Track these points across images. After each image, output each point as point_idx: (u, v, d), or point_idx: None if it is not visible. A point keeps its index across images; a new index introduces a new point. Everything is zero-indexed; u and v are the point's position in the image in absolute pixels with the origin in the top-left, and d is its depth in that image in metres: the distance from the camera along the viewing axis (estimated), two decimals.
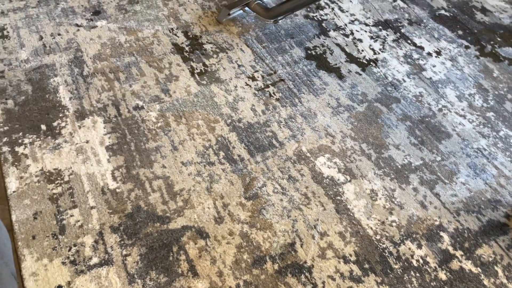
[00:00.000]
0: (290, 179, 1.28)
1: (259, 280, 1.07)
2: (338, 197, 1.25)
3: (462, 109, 1.51)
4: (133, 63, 1.54)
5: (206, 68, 1.56)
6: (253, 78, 1.54)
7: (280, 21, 1.70)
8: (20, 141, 1.29)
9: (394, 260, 1.13)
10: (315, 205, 1.23)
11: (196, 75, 1.53)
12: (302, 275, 1.09)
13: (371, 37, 1.75)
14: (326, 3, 1.88)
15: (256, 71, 1.57)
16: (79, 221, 1.14)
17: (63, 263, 1.07)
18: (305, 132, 1.39)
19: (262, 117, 1.42)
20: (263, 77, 1.55)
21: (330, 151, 1.35)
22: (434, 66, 1.65)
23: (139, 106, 1.41)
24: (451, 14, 1.87)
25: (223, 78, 1.53)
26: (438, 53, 1.70)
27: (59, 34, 1.62)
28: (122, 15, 1.72)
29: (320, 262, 1.12)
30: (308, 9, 1.84)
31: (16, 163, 1.24)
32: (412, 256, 1.15)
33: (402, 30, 1.78)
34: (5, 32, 1.60)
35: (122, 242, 1.11)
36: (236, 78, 1.53)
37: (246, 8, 1.71)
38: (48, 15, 1.68)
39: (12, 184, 1.20)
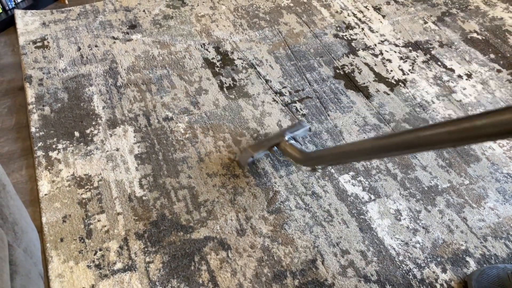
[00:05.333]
0: (314, 195, 1.28)
1: None
2: (362, 216, 1.24)
3: None
4: (165, 76, 1.59)
5: (235, 83, 1.59)
6: (281, 94, 1.56)
7: (320, 170, 1.34)
8: (54, 146, 1.34)
9: (417, 283, 1.11)
10: (337, 223, 1.22)
11: (225, 89, 1.56)
12: None
13: (401, 58, 1.75)
14: (356, 23, 1.89)
15: (284, 87, 1.59)
16: (105, 226, 1.17)
17: (88, 266, 1.09)
18: None
19: None
20: (290, 93, 1.57)
21: (354, 169, 1.35)
22: (464, 88, 1.63)
23: (169, 117, 1.45)
24: (483, 38, 1.85)
25: (251, 93, 1.56)
26: (469, 76, 1.69)
27: (96, 46, 1.68)
28: (156, 30, 1.78)
29: (341, 280, 1.11)
30: (338, 28, 1.86)
31: (49, 167, 1.29)
32: (436, 280, 1.12)
33: (433, 52, 1.78)
34: (45, 42, 1.68)
35: (146, 249, 1.13)
36: (264, 94, 1.56)
37: (275, 148, 1.30)
38: (87, 27, 1.76)
39: (44, 187, 1.24)
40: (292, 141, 1.27)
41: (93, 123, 1.42)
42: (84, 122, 1.42)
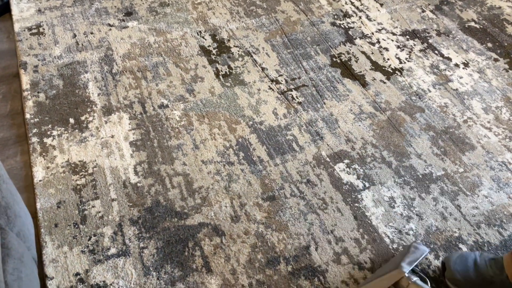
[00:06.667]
0: (309, 183, 1.28)
1: (272, 281, 1.08)
2: (356, 204, 1.24)
3: (488, 122, 1.48)
4: (160, 63, 1.58)
5: (231, 71, 1.58)
6: (277, 82, 1.56)
7: None
8: (49, 132, 1.34)
9: None
10: (332, 210, 1.22)
11: (221, 77, 1.55)
12: (316, 279, 1.09)
13: (398, 46, 1.74)
14: (354, 12, 1.88)
15: (280, 75, 1.58)
16: (100, 212, 1.17)
17: (82, 251, 1.10)
18: (326, 137, 1.40)
19: (283, 121, 1.43)
20: (286, 81, 1.56)
21: (350, 157, 1.35)
22: (461, 77, 1.63)
23: (164, 104, 1.45)
24: (481, 27, 1.84)
25: (247, 81, 1.55)
26: (466, 65, 1.68)
27: (91, 33, 1.67)
28: (152, 17, 1.77)
29: (334, 267, 1.11)
30: (335, 16, 1.85)
31: (43, 154, 1.28)
32: (428, 267, 1.13)
33: (430, 41, 1.77)
34: (41, 29, 1.67)
35: (140, 234, 1.13)
36: (260, 81, 1.55)
37: None
38: (83, 14, 1.75)
39: (39, 173, 1.24)
40: (416, 279, 0.98)
41: (88, 110, 1.41)
42: (79, 109, 1.41)
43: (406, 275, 0.96)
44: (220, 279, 1.07)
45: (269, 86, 1.54)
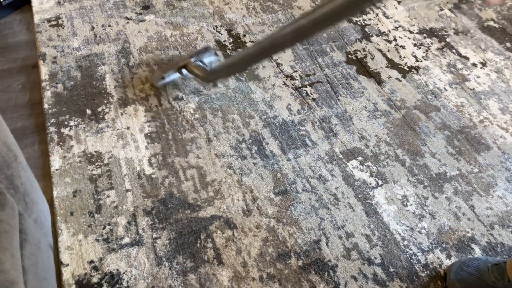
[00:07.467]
0: (321, 178, 1.28)
1: (283, 274, 1.09)
2: (368, 200, 1.24)
3: (505, 122, 1.46)
4: (176, 57, 1.59)
5: None
6: (291, 78, 1.56)
7: (218, 84, 1.50)
8: (66, 123, 1.36)
9: (421, 267, 1.11)
10: (343, 206, 1.22)
11: None
12: (326, 273, 1.09)
13: (415, 45, 1.72)
14: (371, 9, 1.87)
15: (295, 71, 1.58)
16: (114, 202, 1.19)
17: (97, 240, 1.12)
18: (339, 133, 1.40)
19: (297, 116, 1.43)
20: (301, 77, 1.56)
21: (363, 155, 1.35)
22: (478, 77, 1.61)
23: (179, 97, 1.46)
24: (500, 26, 1.82)
25: (262, 76, 1.55)
26: (484, 64, 1.66)
27: (109, 26, 1.70)
28: (169, 11, 1.78)
29: (345, 262, 1.11)
30: None
31: (61, 143, 1.31)
32: (440, 266, 1.12)
33: (447, 39, 1.75)
34: (60, 21, 1.70)
35: (153, 225, 1.15)
36: (275, 77, 1.56)
37: (184, 71, 1.43)
38: (101, 7, 1.77)
39: (56, 162, 1.27)
40: (198, 63, 1.42)
41: (105, 101, 1.43)
42: (96, 100, 1.43)
43: (192, 60, 1.40)
44: (231, 271, 1.09)
45: (283, 81, 1.54)
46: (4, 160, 0.81)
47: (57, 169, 1.25)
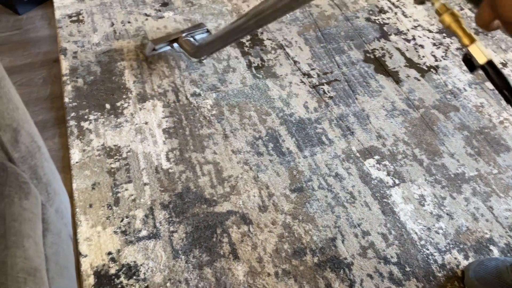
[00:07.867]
0: (337, 176, 1.28)
1: (298, 271, 1.09)
2: (385, 199, 1.23)
3: None
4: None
5: (263, 63, 1.59)
6: (309, 75, 1.56)
7: (204, 60, 1.57)
8: (86, 117, 1.38)
9: (437, 267, 1.11)
10: (360, 205, 1.22)
11: (253, 69, 1.57)
12: (341, 271, 1.09)
13: (434, 44, 1.71)
14: (389, 7, 1.86)
15: (313, 69, 1.58)
16: (132, 195, 1.21)
17: (115, 232, 1.13)
18: (356, 132, 1.39)
19: (314, 114, 1.43)
20: (318, 75, 1.56)
21: (380, 153, 1.34)
22: None
23: (197, 93, 1.47)
24: None
25: (279, 74, 1.56)
26: (504, 65, 1.64)
27: (129, 22, 1.71)
28: (188, 8, 1.80)
29: (360, 260, 1.11)
30: (371, 11, 1.83)
31: (80, 137, 1.33)
32: (457, 266, 1.11)
33: None
34: (80, 17, 1.72)
35: (170, 219, 1.16)
36: (292, 75, 1.56)
37: (175, 45, 1.54)
38: (121, 4, 1.79)
39: (75, 155, 1.29)
40: (190, 38, 1.51)
41: (124, 96, 1.45)
42: (115, 95, 1.45)
43: (183, 35, 1.52)
44: (247, 266, 1.09)
45: (300, 79, 1.54)
46: (28, 151, 0.83)
47: (76, 162, 1.27)
